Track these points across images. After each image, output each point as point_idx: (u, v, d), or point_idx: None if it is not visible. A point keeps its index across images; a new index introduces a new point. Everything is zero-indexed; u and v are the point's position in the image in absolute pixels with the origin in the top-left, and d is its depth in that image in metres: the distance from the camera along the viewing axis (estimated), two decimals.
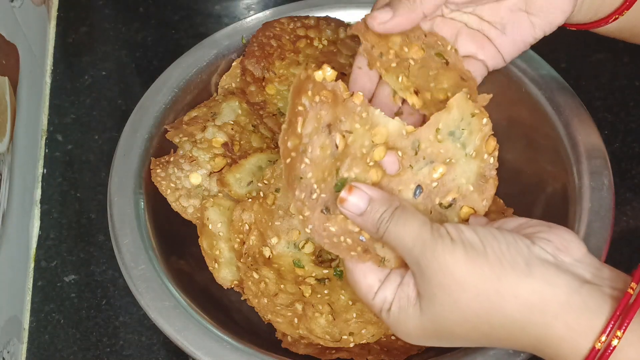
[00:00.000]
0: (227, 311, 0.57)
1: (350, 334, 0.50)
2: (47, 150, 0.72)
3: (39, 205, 0.68)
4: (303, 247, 0.54)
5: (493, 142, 0.45)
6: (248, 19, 0.66)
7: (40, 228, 0.67)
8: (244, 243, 0.53)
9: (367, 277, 0.44)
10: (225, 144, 0.59)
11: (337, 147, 0.43)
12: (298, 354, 0.53)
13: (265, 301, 0.51)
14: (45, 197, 0.69)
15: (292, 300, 0.51)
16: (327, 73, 0.43)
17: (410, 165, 0.44)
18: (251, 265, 0.52)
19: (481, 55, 0.51)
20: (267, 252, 0.53)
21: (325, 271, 0.53)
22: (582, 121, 0.57)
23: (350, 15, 0.66)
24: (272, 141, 0.60)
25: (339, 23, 0.65)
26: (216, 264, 0.55)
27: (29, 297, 0.64)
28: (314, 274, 0.53)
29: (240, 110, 0.61)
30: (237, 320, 0.56)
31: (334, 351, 0.52)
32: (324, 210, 0.43)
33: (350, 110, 0.43)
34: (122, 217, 0.55)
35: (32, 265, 0.65)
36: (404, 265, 0.43)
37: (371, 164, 0.44)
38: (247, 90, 0.61)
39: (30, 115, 0.69)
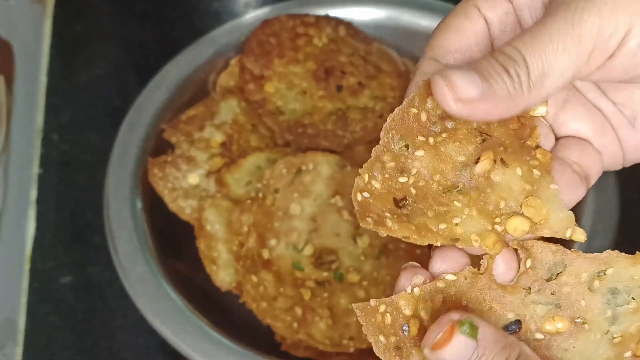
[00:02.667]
0: (226, 313, 0.56)
1: (351, 338, 0.50)
2: (43, 150, 0.71)
3: (35, 206, 0.68)
4: (302, 249, 0.53)
5: None
6: (247, 17, 0.65)
7: (36, 229, 0.67)
8: (242, 245, 0.53)
9: None
10: (223, 144, 0.59)
11: (476, 161, 0.31)
12: (298, 356, 0.52)
13: (265, 305, 0.51)
14: (41, 197, 0.68)
15: (292, 304, 0.51)
16: None
17: (529, 287, 0.31)
18: (250, 267, 0.52)
19: (599, 143, 0.34)
20: (266, 254, 0.53)
21: (325, 274, 0.53)
22: None
23: (351, 13, 0.65)
24: (271, 140, 0.60)
25: (339, 21, 0.64)
26: (214, 265, 0.55)
27: (24, 299, 0.63)
28: (313, 277, 0.53)
29: (239, 109, 0.61)
30: (236, 323, 0.56)
31: (334, 354, 0.51)
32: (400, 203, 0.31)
33: (526, 151, 0.32)
34: (118, 218, 0.55)
35: (27, 266, 0.65)
36: None
37: (499, 228, 0.31)
38: (245, 88, 0.60)
39: (25, 115, 0.69)
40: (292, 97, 0.60)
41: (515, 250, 0.31)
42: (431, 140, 0.31)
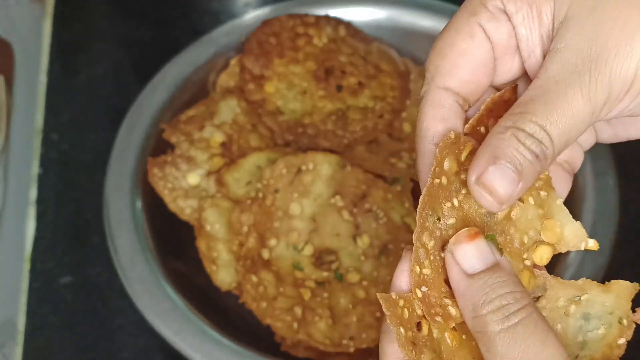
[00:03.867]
0: (226, 313, 0.56)
1: (351, 338, 0.50)
2: (42, 150, 0.71)
3: (35, 206, 0.68)
4: (302, 249, 0.53)
5: None
6: (246, 17, 0.65)
7: (36, 229, 0.66)
8: (242, 245, 0.53)
9: None
10: (223, 144, 0.59)
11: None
12: (297, 356, 0.52)
13: (264, 305, 0.51)
14: (40, 197, 0.68)
15: (292, 304, 0.51)
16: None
17: None
18: (250, 267, 0.52)
19: (582, 137, 0.36)
20: (265, 254, 0.53)
21: (325, 274, 0.53)
22: None
23: (351, 13, 0.65)
24: (271, 140, 0.60)
25: (339, 21, 0.64)
26: (214, 265, 0.54)
27: (24, 299, 0.63)
28: (313, 277, 0.52)
29: (239, 109, 0.61)
30: (236, 323, 0.56)
31: (334, 354, 0.51)
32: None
33: None
34: (118, 218, 0.55)
35: (27, 266, 0.65)
36: None
37: (528, 262, 0.32)
38: (245, 88, 0.60)
39: (25, 115, 0.69)
40: (292, 97, 0.60)
41: None
42: (455, 201, 0.31)
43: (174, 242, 0.57)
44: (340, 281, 0.53)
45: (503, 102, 0.32)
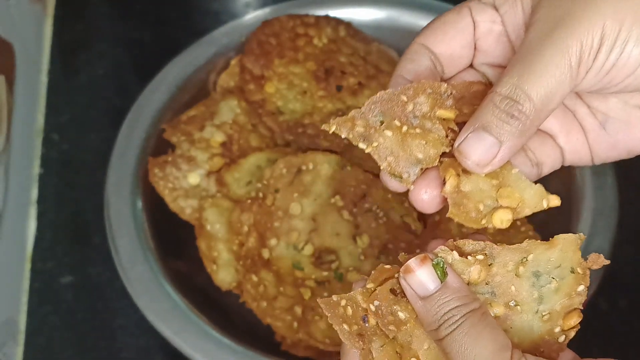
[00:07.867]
0: (226, 313, 0.56)
1: None
2: (43, 150, 0.71)
3: (35, 206, 0.68)
4: (302, 248, 0.53)
5: (575, 319, 0.34)
6: (247, 17, 0.65)
7: (37, 229, 0.66)
8: (243, 245, 0.53)
9: None
10: (223, 144, 0.59)
11: (443, 183, 0.35)
12: (298, 356, 0.52)
13: (265, 304, 0.51)
14: (41, 197, 0.68)
15: (292, 304, 0.51)
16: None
17: (467, 282, 0.35)
18: (250, 267, 0.52)
19: (562, 140, 0.38)
20: (266, 254, 0.53)
21: (325, 273, 0.53)
22: None
23: (351, 13, 0.65)
24: (271, 140, 0.60)
25: (339, 21, 0.64)
26: (214, 265, 0.54)
27: (25, 299, 0.63)
28: (313, 277, 0.53)
29: (239, 109, 0.61)
30: (236, 322, 0.56)
31: (334, 353, 0.51)
32: None
33: None
34: (119, 218, 0.55)
35: (28, 266, 0.65)
36: None
37: (489, 226, 0.35)
38: (245, 88, 0.60)
39: (26, 115, 0.69)
40: (292, 97, 0.60)
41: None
42: (404, 128, 0.34)
43: (175, 241, 0.57)
44: (340, 281, 0.53)
45: (473, 92, 0.36)
